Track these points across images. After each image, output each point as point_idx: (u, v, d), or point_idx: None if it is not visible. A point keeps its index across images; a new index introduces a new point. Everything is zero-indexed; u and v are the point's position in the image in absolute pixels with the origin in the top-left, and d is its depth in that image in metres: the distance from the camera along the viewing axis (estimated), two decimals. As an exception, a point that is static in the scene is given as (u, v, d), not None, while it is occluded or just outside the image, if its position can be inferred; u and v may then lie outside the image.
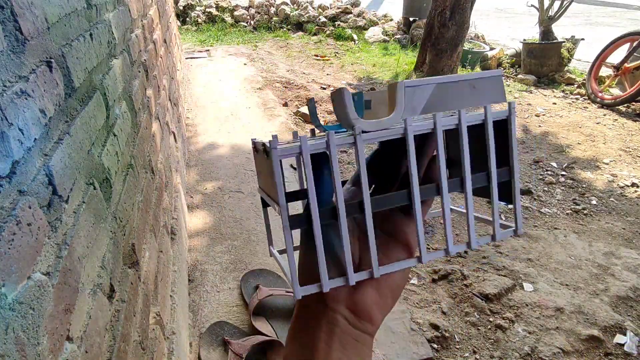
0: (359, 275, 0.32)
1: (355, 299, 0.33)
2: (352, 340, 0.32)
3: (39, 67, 0.54)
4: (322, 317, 0.32)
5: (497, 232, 0.36)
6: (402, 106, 0.31)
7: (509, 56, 5.51)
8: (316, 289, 0.31)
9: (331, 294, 0.32)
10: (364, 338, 0.33)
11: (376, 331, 0.34)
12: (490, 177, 0.34)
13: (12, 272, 0.41)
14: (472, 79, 0.34)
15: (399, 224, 0.35)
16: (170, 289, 1.37)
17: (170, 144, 1.97)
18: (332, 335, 0.31)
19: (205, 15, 7.72)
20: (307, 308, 0.34)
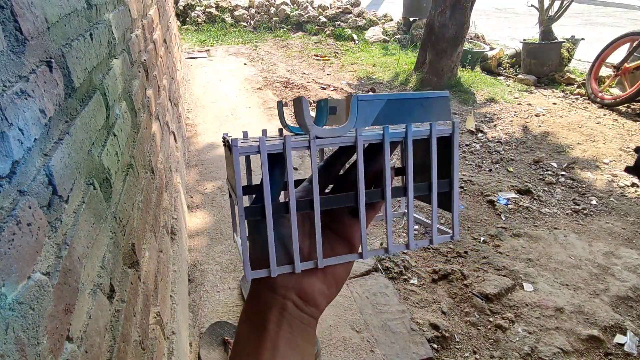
0: (305, 264, 0.35)
1: (303, 287, 0.37)
2: (299, 322, 0.36)
3: (39, 67, 0.54)
4: (273, 302, 0.36)
5: (434, 237, 0.40)
6: (354, 117, 0.35)
7: (509, 56, 5.51)
8: (266, 273, 0.35)
9: (281, 282, 0.36)
10: (310, 321, 0.37)
11: (320, 315, 0.38)
12: (432, 187, 0.38)
13: (12, 272, 0.41)
14: (421, 98, 0.37)
15: (347, 225, 0.39)
16: (170, 289, 1.37)
17: (170, 144, 1.97)
18: (282, 318, 0.35)
19: (205, 15, 7.72)
20: (259, 295, 0.37)
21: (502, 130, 3.71)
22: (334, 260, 0.36)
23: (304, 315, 0.37)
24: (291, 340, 0.35)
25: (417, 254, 2.17)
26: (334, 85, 4.68)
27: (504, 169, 3.06)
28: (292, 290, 0.36)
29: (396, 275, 1.98)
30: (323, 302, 0.38)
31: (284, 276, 0.36)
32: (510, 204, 2.60)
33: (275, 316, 0.35)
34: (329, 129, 0.35)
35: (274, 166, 0.36)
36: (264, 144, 0.33)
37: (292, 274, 0.36)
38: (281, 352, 0.34)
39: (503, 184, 2.81)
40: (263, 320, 0.36)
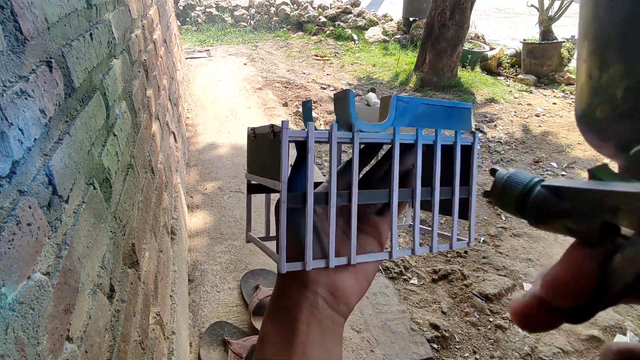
0: (338, 259, 0.35)
1: (335, 283, 0.36)
2: (329, 322, 0.35)
3: (39, 67, 0.54)
4: (303, 298, 0.35)
5: (454, 242, 0.42)
6: (393, 115, 0.36)
7: (509, 56, 5.51)
8: (301, 266, 0.34)
9: (312, 277, 0.35)
10: (339, 320, 0.36)
11: (349, 314, 0.38)
12: (454, 192, 0.40)
13: (12, 272, 0.41)
14: (449, 106, 0.39)
15: (374, 223, 0.40)
16: (170, 289, 1.37)
17: (170, 144, 1.97)
18: (312, 317, 0.34)
19: (205, 15, 7.72)
20: (287, 290, 0.36)
21: (502, 130, 3.71)
22: (366, 258, 0.36)
23: (335, 313, 0.35)
24: (321, 343, 0.33)
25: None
26: (334, 85, 4.68)
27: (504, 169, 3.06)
28: (323, 286, 0.35)
29: (396, 275, 1.98)
30: (354, 299, 0.37)
31: (316, 271, 0.35)
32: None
33: (305, 315, 0.34)
34: (371, 124, 0.36)
35: (302, 161, 0.36)
36: (312, 130, 0.33)
37: (324, 269, 0.35)
38: (310, 356, 0.32)
39: (503, 184, 2.80)
40: (292, 319, 0.34)
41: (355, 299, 0.37)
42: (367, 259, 0.37)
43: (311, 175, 0.33)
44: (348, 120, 0.35)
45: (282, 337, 0.34)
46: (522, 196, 0.21)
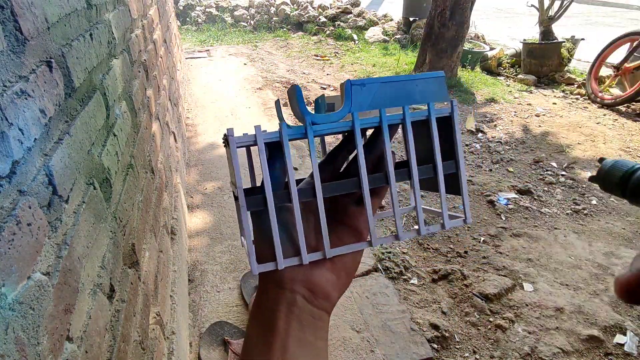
0: (312, 255, 0.34)
1: (312, 279, 0.35)
2: (310, 317, 0.35)
3: (39, 67, 0.54)
4: (281, 298, 0.35)
5: (446, 221, 0.39)
6: (349, 101, 0.34)
7: (509, 56, 5.51)
8: (272, 266, 0.34)
9: (289, 276, 0.35)
10: (321, 315, 0.36)
11: (332, 308, 0.37)
12: (436, 168, 0.37)
13: (12, 272, 0.41)
14: (416, 79, 0.36)
15: (353, 214, 0.38)
16: (170, 289, 1.37)
17: (170, 144, 1.97)
18: (291, 314, 0.34)
19: (205, 15, 7.72)
20: (267, 292, 0.36)
21: (502, 130, 3.71)
22: (341, 250, 0.36)
23: (314, 309, 0.35)
24: (301, 339, 0.34)
25: (417, 254, 2.17)
26: (334, 85, 4.68)
27: (504, 169, 3.06)
28: (300, 283, 0.35)
29: (396, 275, 1.98)
30: (334, 293, 0.36)
31: (292, 270, 0.35)
32: (510, 204, 2.60)
33: (283, 313, 0.34)
34: (325, 115, 0.35)
35: (274, 161, 0.35)
36: (260, 133, 0.33)
37: (300, 266, 0.35)
38: (291, 352, 0.33)
39: (503, 184, 2.81)
40: (271, 318, 0.34)
41: (336, 293, 0.37)
42: (343, 251, 0.36)
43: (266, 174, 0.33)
44: (299, 115, 0.34)
45: (262, 336, 0.34)
46: (624, 178, 0.25)
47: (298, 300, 0.35)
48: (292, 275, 0.35)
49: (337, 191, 0.35)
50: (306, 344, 0.34)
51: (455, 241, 2.27)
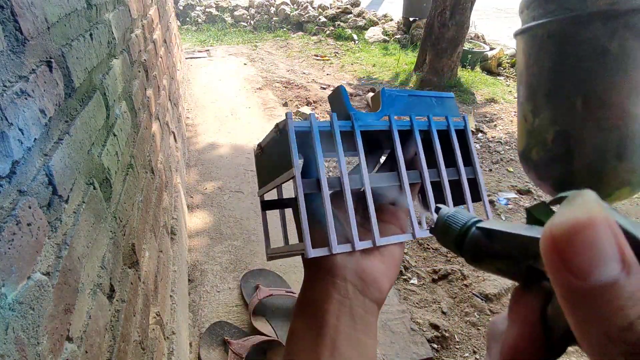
0: (363, 243, 0.35)
1: (363, 266, 0.35)
2: (362, 310, 0.33)
3: (39, 67, 0.54)
4: (332, 288, 0.33)
5: None
6: (386, 107, 0.40)
7: (509, 56, 5.51)
8: (326, 251, 0.34)
9: (339, 263, 0.34)
10: (372, 308, 0.35)
11: (383, 301, 0.36)
12: (459, 170, 0.42)
13: (12, 272, 0.41)
14: (435, 96, 0.43)
15: (391, 212, 0.40)
16: (170, 289, 1.37)
17: (170, 144, 1.97)
18: (342, 307, 0.32)
19: (205, 15, 7.72)
20: (315, 281, 0.35)
21: (502, 130, 3.71)
22: (389, 240, 0.37)
23: (367, 300, 0.34)
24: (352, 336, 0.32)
25: (417, 254, 2.17)
26: (334, 85, 4.68)
27: (504, 169, 3.06)
28: (352, 272, 0.34)
29: (396, 275, 1.98)
30: (386, 284, 0.36)
31: (343, 257, 0.34)
32: (510, 204, 2.60)
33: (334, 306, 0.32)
34: (367, 113, 0.39)
35: (309, 153, 0.38)
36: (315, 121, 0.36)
37: (350, 254, 0.35)
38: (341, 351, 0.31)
39: (503, 184, 2.81)
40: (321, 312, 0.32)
41: (387, 283, 0.36)
42: (391, 241, 0.37)
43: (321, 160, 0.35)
44: (346, 112, 0.38)
45: (311, 331, 0.32)
46: (460, 236, 0.23)
47: (350, 291, 0.33)
48: (344, 262, 0.34)
49: (382, 182, 0.39)
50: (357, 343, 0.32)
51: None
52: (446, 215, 0.24)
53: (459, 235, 0.23)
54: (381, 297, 0.35)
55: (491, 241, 0.21)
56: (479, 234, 0.22)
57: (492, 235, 0.21)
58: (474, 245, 0.22)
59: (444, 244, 0.24)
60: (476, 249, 0.22)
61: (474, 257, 0.22)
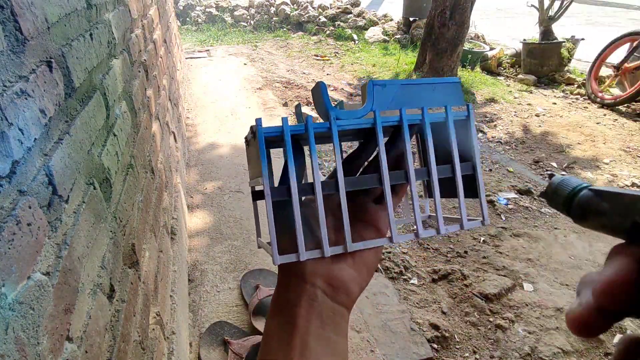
0: (333, 249, 0.34)
1: (333, 273, 0.35)
2: (330, 314, 0.34)
3: (39, 67, 0.54)
4: (302, 292, 0.34)
5: (464, 222, 0.38)
6: (371, 100, 0.36)
7: (509, 56, 5.51)
8: (294, 257, 0.33)
9: (310, 269, 0.35)
10: (341, 311, 0.35)
11: (352, 304, 0.37)
12: (454, 168, 0.37)
13: (12, 272, 0.41)
14: (433, 83, 0.38)
15: (372, 212, 0.39)
16: (170, 289, 1.37)
17: (170, 144, 1.97)
18: (311, 310, 0.34)
19: (205, 15, 7.72)
20: (287, 285, 0.36)
21: (502, 130, 3.71)
22: (362, 245, 0.35)
23: (335, 305, 0.35)
24: (321, 335, 0.33)
25: (417, 254, 2.17)
26: (334, 85, 4.68)
27: (504, 169, 3.06)
28: (321, 278, 0.35)
29: (396, 275, 1.98)
30: (355, 289, 0.36)
31: (313, 263, 0.35)
32: (510, 204, 2.60)
33: (304, 309, 0.34)
34: (348, 111, 0.35)
35: (295, 156, 0.35)
36: (287, 125, 0.34)
37: (321, 261, 0.35)
38: (311, 348, 0.32)
39: (503, 184, 2.81)
40: (292, 313, 0.34)
41: (357, 288, 0.36)
42: (364, 246, 0.35)
43: (291, 164, 0.33)
44: (324, 110, 0.35)
45: (282, 331, 0.34)
46: (570, 197, 0.25)
47: (319, 295, 0.34)
48: (314, 268, 0.35)
49: (359, 185, 0.36)
50: (326, 341, 0.33)
51: (455, 241, 2.27)
52: (559, 180, 0.26)
53: (569, 196, 0.25)
54: (350, 301, 0.36)
55: (600, 199, 0.23)
56: (589, 194, 0.24)
57: (601, 194, 0.23)
58: (583, 204, 0.24)
59: (553, 204, 0.26)
60: (585, 207, 0.24)
61: (581, 215, 0.24)
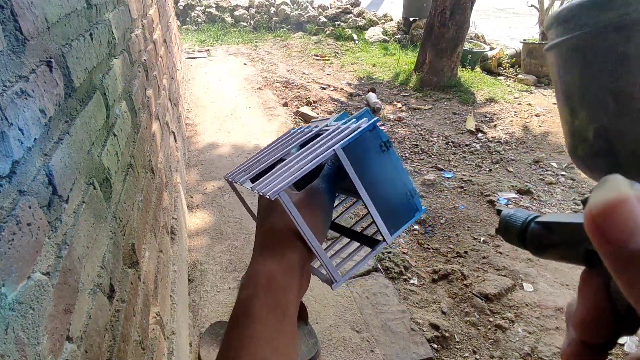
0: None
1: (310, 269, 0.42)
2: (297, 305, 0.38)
3: (39, 67, 0.54)
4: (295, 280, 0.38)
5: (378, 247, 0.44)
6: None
7: (509, 56, 5.51)
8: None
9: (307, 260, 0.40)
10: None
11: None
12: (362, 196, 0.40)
13: (12, 272, 0.41)
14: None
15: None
16: (170, 289, 1.37)
17: (170, 143, 1.97)
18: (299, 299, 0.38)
19: (205, 15, 7.72)
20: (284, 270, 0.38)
21: (502, 130, 3.71)
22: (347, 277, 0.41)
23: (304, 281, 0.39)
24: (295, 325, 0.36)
25: (417, 254, 2.17)
26: (334, 85, 4.68)
27: (504, 169, 3.06)
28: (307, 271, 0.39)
29: (396, 275, 1.98)
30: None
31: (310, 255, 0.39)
32: (510, 204, 2.60)
33: (296, 297, 0.36)
34: None
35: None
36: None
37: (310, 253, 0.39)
38: (298, 339, 0.35)
39: (503, 184, 2.81)
40: (285, 301, 0.35)
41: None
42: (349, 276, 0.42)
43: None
44: None
45: (273, 316, 0.34)
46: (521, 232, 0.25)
47: (304, 286, 0.38)
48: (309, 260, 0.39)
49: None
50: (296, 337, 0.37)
51: (455, 241, 2.27)
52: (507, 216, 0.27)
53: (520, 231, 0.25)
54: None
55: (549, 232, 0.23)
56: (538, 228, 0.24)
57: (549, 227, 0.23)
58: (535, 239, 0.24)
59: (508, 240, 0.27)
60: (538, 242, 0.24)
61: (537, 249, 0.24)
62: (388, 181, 0.41)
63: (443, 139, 3.48)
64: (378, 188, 0.41)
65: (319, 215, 0.40)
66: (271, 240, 0.39)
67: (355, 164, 0.39)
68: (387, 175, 0.41)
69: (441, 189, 2.74)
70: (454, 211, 2.50)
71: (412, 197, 0.43)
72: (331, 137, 0.41)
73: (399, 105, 4.19)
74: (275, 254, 0.38)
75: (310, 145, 0.42)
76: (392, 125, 3.74)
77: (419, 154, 3.26)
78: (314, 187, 0.42)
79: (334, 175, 0.43)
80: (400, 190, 0.42)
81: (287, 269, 0.36)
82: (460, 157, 3.22)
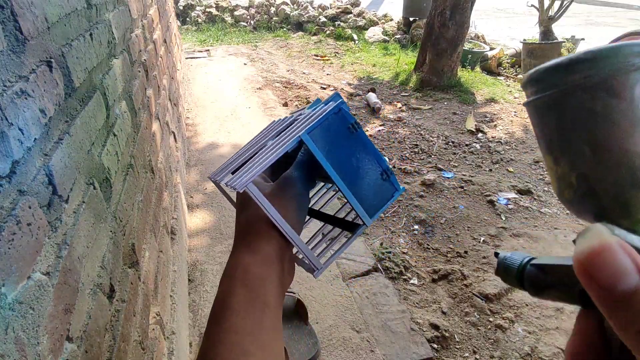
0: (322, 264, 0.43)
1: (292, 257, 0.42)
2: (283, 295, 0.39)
3: (39, 67, 0.54)
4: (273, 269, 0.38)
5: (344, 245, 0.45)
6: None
7: (509, 56, 5.51)
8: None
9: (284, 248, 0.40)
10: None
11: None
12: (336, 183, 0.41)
13: (12, 272, 0.41)
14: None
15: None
16: (170, 289, 1.37)
17: (170, 143, 1.97)
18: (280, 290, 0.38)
19: (205, 15, 7.72)
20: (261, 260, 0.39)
21: (502, 130, 3.71)
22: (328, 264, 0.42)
23: (285, 288, 0.38)
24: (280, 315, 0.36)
25: (417, 254, 2.17)
26: (334, 85, 4.68)
27: (504, 169, 3.06)
28: (288, 260, 0.39)
29: (396, 275, 1.98)
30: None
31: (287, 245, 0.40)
32: (510, 204, 2.60)
33: (276, 287, 0.36)
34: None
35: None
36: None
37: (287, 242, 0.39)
38: (280, 329, 0.34)
39: (503, 184, 2.81)
40: (264, 292, 0.35)
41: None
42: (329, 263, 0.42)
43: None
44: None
45: (252, 307, 0.34)
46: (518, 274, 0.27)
47: (285, 276, 0.38)
48: (287, 249, 0.39)
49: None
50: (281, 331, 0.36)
51: (455, 241, 2.27)
52: (504, 259, 0.29)
53: (517, 274, 0.27)
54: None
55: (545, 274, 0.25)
56: (534, 270, 0.26)
57: (544, 269, 0.26)
58: (532, 281, 0.26)
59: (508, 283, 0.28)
60: (535, 284, 0.26)
61: (535, 290, 0.26)
62: (361, 163, 0.42)
63: (443, 139, 3.48)
64: (352, 171, 0.41)
65: (294, 204, 0.40)
66: (246, 233, 0.39)
67: (326, 148, 0.39)
68: (359, 157, 0.41)
69: (441, 189, 2.74)
70: (454, 211, 2.50)
71: (388, 177, 0.43)
72: (300, 124, 0.42)
73: (399, 105, 4.19)
74: (251, 245, 0.38)
75: (281, 135, 0.43)
76: (392, 125, 3.74)
77: (419, 154, 3.26)
78: (286, 176, 0.42)
79: (308, 163, 0.43)
80: (375, 171, 0.42)
81: (263, 259, 0.36)
82: (460, 157, 3.22)
